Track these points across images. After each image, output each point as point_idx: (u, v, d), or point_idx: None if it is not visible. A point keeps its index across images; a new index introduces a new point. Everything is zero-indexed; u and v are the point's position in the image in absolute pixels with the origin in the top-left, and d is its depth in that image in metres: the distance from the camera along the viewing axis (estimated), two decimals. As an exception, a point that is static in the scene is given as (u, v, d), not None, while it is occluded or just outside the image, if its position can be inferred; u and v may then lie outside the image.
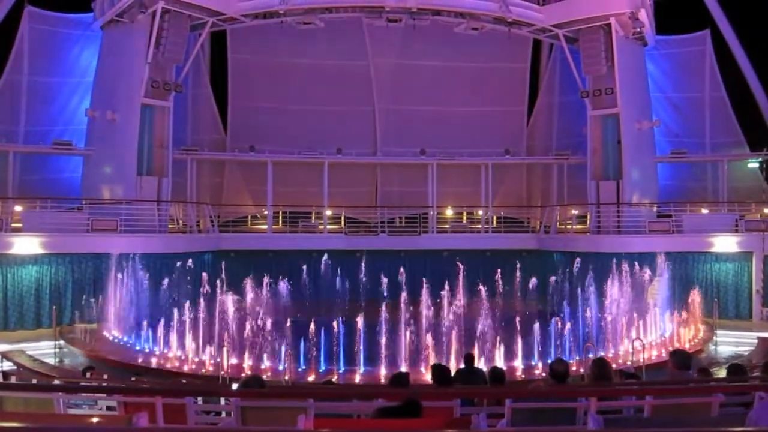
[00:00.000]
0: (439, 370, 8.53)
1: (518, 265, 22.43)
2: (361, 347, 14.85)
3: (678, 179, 28.65)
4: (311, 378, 14.35)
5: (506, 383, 9.82)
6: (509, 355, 15.09)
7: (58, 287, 20.82)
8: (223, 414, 8.27)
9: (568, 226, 27.30)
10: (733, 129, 28.52)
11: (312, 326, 15.12)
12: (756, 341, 19.33)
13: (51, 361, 17.57)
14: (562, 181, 29.42)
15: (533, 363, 15.28)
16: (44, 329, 19.73)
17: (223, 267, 20.48)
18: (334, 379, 13.74)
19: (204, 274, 18.98)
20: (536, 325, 15.49)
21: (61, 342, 18.50)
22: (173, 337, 16.61)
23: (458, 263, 17.91)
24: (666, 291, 20.12)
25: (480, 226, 28.85)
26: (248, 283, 17.92)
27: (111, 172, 23.56)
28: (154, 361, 16.04)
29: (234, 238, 25.96)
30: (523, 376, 14.54)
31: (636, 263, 20.16)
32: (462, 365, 11.51)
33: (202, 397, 8.56)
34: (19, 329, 19.98)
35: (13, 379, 13.50)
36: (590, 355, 13.36)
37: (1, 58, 25.09)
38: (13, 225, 21.38)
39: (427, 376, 11.28)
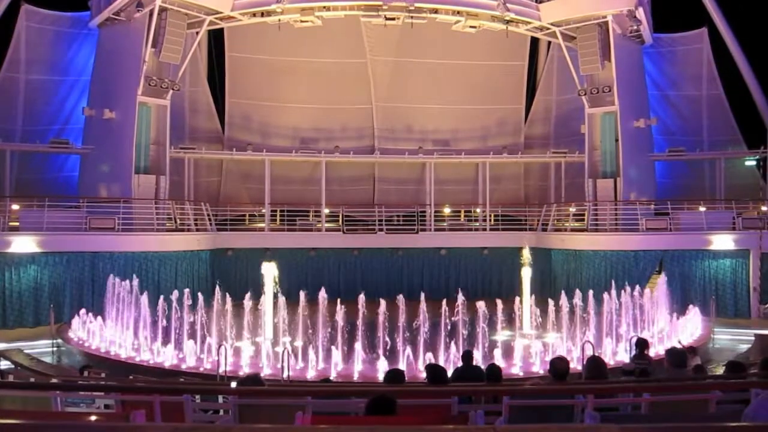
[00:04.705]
0: (433, 370, 8.52)
1: (516, 263, 22.42)
2: (359, 344, 14.85)
3: (675, 177, 28.70)
4: (309, 375, 14.37)
5: (503, 381, 9.82)
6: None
7: (56, 286, 20.82)
8: (221, 412, 8.28)
9: (566, 224, 27.32)
10: (730, 127, 28.58)
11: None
12: (753, 338, 19.38)
13: (48, 359, 17.56)
14: (560, 179, 29.46)
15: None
16: (42, 328, 19.71)
17: (220, 265, 20.46)
18: (331, 377, 13.77)
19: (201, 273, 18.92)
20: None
21: (59, 341, 18.49)
22: (171, 336, 16.60)
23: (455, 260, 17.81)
24: (664, 288, 20.13)
25: (477, 224, 28.88)
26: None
27: (108, 170, 23.54)
28: (151, 360, 16.04)
29: (232, 237, 25.95)
30: (521, 373, 14.57)
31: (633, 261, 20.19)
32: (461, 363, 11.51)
33: (199, 395, 8.56)
34: (17, 327, 19.96)
35: (11, 378, 13.48)
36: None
37: (-2, 57, 25.10)
38: (11, 224, 21.36)
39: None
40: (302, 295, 16.53)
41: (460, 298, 15.79)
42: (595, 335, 16.19)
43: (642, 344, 11.55)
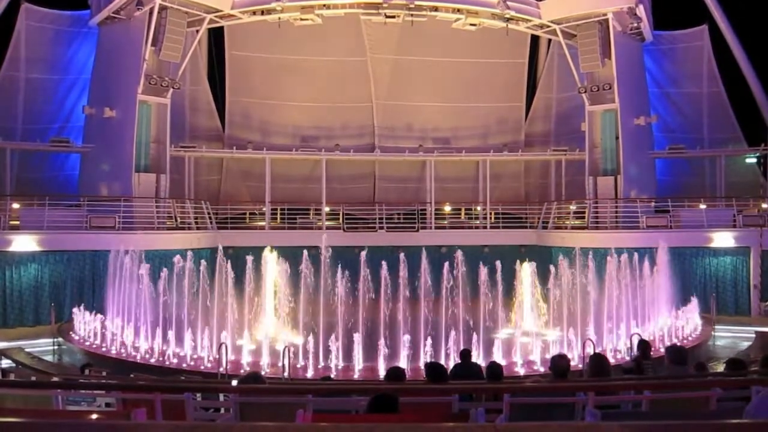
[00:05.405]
0: (433, 368, 8.52)
1: (517, 261, 22.38)
2: (359, 343, 14.86)
3: (676, 175, 28.69)
4: (309, 374, 14.39)
5: (504, 379, 9.81)
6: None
7: (56, 285, 20.84)
8: (222, 410, 8.28)
9: (567, 222, 27.31)
10: (730, 124, 28.56)
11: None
12: (754, 336, 19.40)
13: (49, 358, 17.57)
14: (560, 177, 29.46)
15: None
16: (43, 326, 19.73)
17: (221, 263, 20.40)
18: (332, 375, 13.78)
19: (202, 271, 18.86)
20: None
21: (60, 339, 18.50)
22: (172, 335, 16.60)
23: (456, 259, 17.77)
24: (664, 286, 20.13)
25: (478, 221, 28.88)
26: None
27: (109, 169, 23.55)
28: (152, 358, 16.06)
29: (232, 235, 25.91)
30: (522, 371, 14.58)
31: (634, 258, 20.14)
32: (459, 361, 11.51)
33: (200, 394, 8.56)
34: (18, 326, 19.98)
35: (12, 377, 13.48)
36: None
37: (-2, 56, 25.10)
38: (11, 223, 21.37)
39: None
40: (303, 293, 16.54)
41: (461, 295, 15.81)
42: (594, 331, 16.21)
43: (645, 346, 11.50)
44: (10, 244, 20.33)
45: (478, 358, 13.76)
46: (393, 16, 24.36)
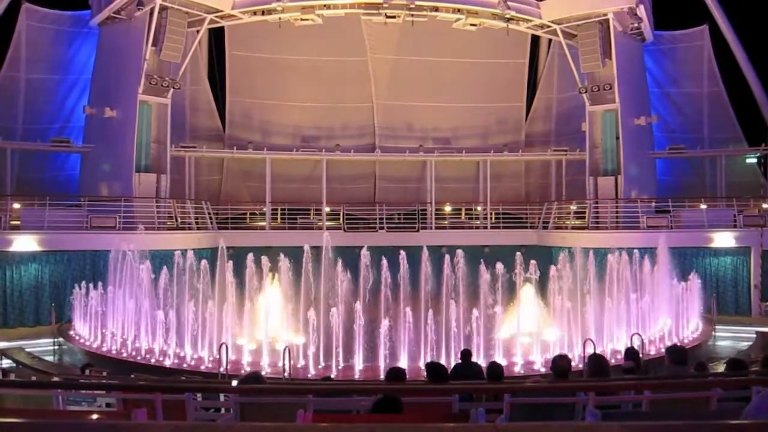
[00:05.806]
0: (433, 368, 8.52)
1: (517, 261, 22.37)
2: (360, 343, 14.87)
3: (676, 175, 28.69)
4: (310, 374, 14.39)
5: (504, 379, 9.80)
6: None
7: (57, 285, 20.84)
8: (223, 410, 8.28)
9: (567, 222, 27.30)
10: (731, 124, 28.55)
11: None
12: (755, 336, 19.40)
13: (50, 358, 17.58)
14: (561, 177, 29.45)
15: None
16: (43, 326, 19.74)
17: (222, 263, 20.41)
18: (332, 375, 13.78)
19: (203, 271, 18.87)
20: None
21: (60, 339, 18.51)
22: (172, 334, 16.61)
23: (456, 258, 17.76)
24: (664, 286, 20.12)
25: (478, 222, 28.87)
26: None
27: (109, 169, 23.56)
28: (153, 358, 16.07)
29: (233, 235, 25.89)
30: (522, 371, 14.58)
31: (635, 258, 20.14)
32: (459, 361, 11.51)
33: (201, 394, 8.56)
34: (18, 326, 19.99)
35: (12, 377, 13.49)
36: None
37: (-1, 56, 25.12)
38: (12, 223, 21.38)
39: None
40: (303, 292, 16.54)
41: (461, 295, 15.81)
42: (594, 331, 16.21)
43: (635, 354, 11.49)
44: (10, 244, 20.34)
45: (478, 358, 13.75)
46: (393, 16, 24.35)
